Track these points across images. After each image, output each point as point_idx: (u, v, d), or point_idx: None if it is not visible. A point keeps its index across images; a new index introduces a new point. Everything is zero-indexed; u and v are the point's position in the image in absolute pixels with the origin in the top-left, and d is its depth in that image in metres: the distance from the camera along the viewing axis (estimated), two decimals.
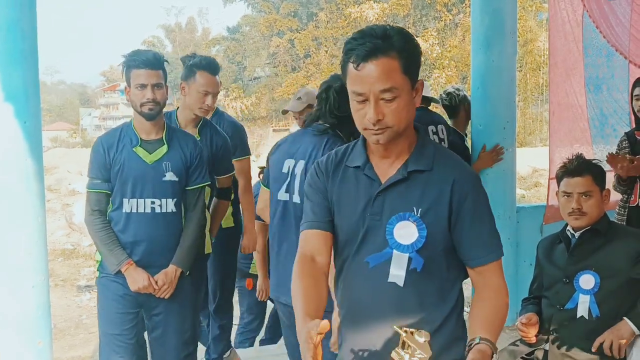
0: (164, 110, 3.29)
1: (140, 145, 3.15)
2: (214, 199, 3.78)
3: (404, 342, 1.57)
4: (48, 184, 18.37)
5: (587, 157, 3.03)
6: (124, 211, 3.11)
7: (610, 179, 3.81)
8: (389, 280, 1.81)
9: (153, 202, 3.11)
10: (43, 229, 3.38)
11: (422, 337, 1.55)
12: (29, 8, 3.43)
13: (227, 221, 4.02)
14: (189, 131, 3.59)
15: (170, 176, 3.16)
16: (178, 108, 3.87)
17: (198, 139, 3.57)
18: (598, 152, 5.14)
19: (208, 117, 3.93)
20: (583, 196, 2.84)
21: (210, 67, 3.74)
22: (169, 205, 3.15)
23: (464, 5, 36.21)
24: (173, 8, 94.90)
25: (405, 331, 1.57)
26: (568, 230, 2.96)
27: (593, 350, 2.73)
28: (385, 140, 1.77)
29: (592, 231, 2.86)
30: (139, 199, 3.10)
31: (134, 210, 3.11)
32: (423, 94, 1.92)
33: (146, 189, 3.11)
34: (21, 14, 3.37)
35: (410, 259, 1.79)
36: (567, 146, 5.10)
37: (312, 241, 1.91)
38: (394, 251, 1.79)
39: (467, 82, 31.95)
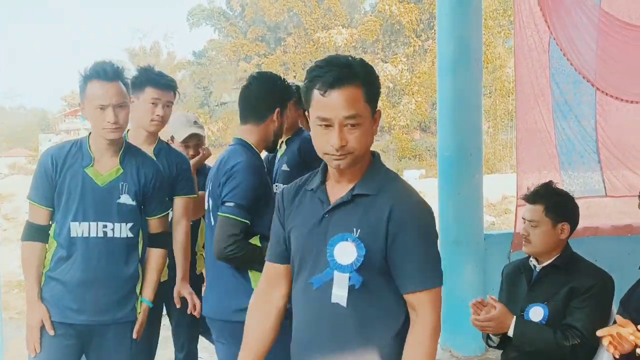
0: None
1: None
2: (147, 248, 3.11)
3: None
4: (4, 212, 18.03)
5: (556, 184, 3.06)
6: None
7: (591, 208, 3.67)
8: (332, 301, 1.88)
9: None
10: None
11: None
12: None
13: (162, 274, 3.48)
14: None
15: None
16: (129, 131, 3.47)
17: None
18: (566, 179, 5.24)
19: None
20: (531, 224, 2.88)
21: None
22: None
23: (432, 31, 36.79)
24: (137, 31, 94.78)
25: None
26: (531, 261, 3.00)
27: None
28: (346, 165, 1.87)
29: (552, 267, 2.89)
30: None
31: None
32: None
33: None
34: None
35: (350, 278, 1.85)
36: (535, 172, 5.18)
37: (269, 273, 2.12)
38: (335, 272, 1.86)
39: (436, 108, 32.34)
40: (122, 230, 2.85)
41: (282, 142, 4.30)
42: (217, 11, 47.21)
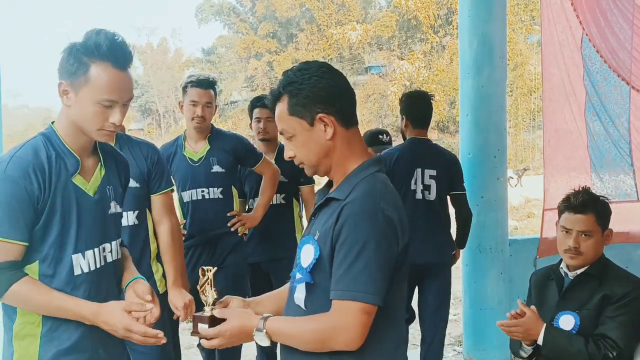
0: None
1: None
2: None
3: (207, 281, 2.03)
4: None
5: (586, 186, 3.02)
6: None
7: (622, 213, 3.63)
8: (295, 302, 1.96)
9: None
10: None
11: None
12: None
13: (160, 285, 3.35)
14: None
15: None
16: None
17: None
18: (597, 182, 5.18)
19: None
20: (582, 235, 2.81)
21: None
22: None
23: (450, 26, 36.72)
24: (144, 28, 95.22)
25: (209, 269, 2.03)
26: (562, 268, 2.95)
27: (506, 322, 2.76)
28: (309, 173, 2.04)
29: (586, 275, 2.84)
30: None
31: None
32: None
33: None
34: None
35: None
36: (564, 175, 5.12)
37: None
38: (297, 272, 1.94)
39: (455, 107, 32.22)
40: (117, 250, 2.30)
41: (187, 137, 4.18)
42: (227, 6, 47.39)
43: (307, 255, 1.91)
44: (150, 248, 3.30)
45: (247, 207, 4.55)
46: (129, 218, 3.15)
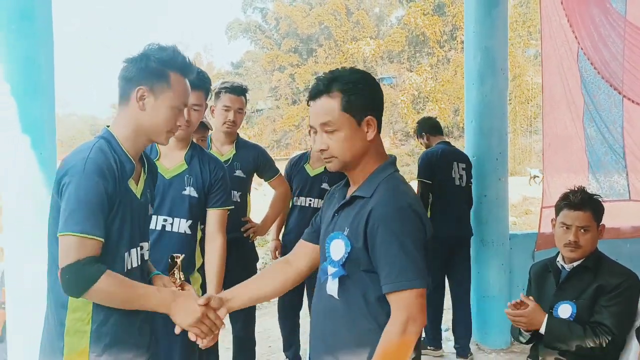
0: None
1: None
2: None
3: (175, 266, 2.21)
4: None
5: (581, 186, 3.00)
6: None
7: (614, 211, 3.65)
8: (327, 293, 1.96)
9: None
10: None
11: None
12: (46, 44, 3.45)
13: None
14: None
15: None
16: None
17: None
18: (593, 182, 5.14)
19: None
20: (582, 230, 2.80)
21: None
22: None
23: (455, 42, 36.55)
24: (180, 44, 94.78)
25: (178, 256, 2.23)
26: (558, 261, 2.92)
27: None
28: (334, 168, 1.97)
29: (581, 267, 2.82)
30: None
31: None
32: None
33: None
34: (39, 49, 3.39)
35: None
36: (563, 175, 5.09)
37: (297, 248, 2.23)
38: (329, 266, 1.93)
39: (459, 114, 32.06)
40: (149, 249, 2.26)
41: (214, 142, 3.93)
42: (254, 24, 47.46)
43: (337, 249, 1.91)
44: (195, 260, 3.00)
45: (291, 203, 4.52)
46: (181, 225, 2.90)
